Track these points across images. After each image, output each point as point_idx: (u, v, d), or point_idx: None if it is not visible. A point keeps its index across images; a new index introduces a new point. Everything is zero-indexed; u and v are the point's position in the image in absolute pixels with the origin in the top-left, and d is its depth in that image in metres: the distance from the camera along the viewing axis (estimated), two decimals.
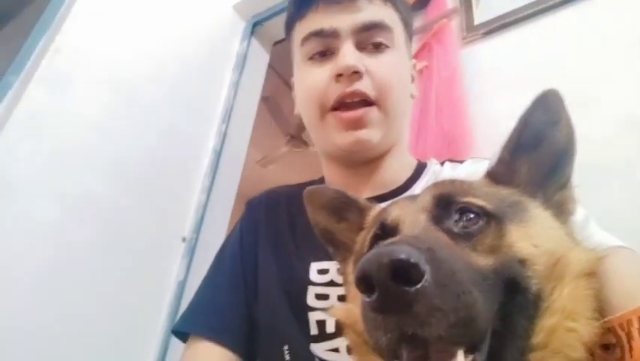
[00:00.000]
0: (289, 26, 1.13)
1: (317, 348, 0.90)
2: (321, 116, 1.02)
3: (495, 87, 1.69)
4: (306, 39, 1.03)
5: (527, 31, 1.72)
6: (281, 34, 2.86)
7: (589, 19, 1.60)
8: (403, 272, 0.43)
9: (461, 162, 1.09)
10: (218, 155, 2.46)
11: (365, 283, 0.45)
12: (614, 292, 0.57)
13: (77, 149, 1.88)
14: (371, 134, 0.98)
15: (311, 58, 1.04)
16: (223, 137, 2.51)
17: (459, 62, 1.79)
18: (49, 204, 1.75)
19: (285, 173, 5.18)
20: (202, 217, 2.29)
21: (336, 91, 0.98)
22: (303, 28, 1.05)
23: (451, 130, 1.61)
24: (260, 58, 2.90)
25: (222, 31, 2.76)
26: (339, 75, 0.97)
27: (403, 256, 0.43)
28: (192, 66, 2.50)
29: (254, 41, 2.84)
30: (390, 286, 0.43)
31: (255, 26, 2.86)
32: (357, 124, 0.97)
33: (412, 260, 0.43)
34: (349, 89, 0.96)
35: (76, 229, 1.82)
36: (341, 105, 0.98)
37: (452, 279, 0.46)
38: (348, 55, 0.97)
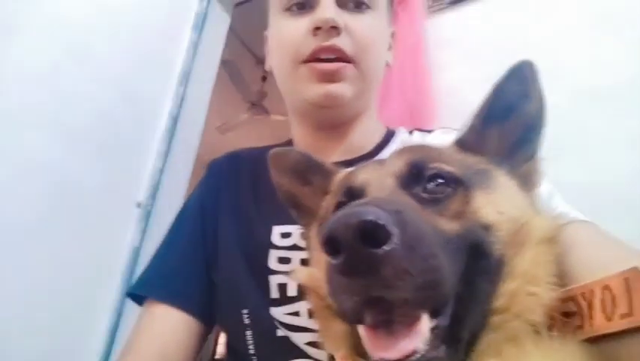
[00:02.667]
0: None
1: (277, 312, 0.89)
2: (294, 68, 0.98)
3: (459, 57, 1.71)
4: None
5: (492, 2, 1.73)
6: None
7: None
8: (371, 234, 0.42)
9: (430, 131, 1.09)
10: (175, 118, 2.37)
11: (331, 244, 0.44)
12: (577, 263, 0.58)
13: (21, 106, 1.74)
14: (344, 90, 0.96)
15: (288, 9, 0.99)
16: (181, 100, 2.41)
17: (424, 30, 1.78)
18: None
19: (245, 140, 5.07)
20: (158, 182, 2.22)
21: (312, 44, 0.94)
22: None
23: (414, 99, 1.61)
24: (220, 18, 2.79)
25: None
26: (317, 28, 0.93)
27: (371, 218, 0.42)
28: (149, 23, 2.37)
29: (214, 1, 2.73)
30: (357, 248, 0.42)
31: None
32: (332, 77, 0.94)
33: (380, 221, 0.42)
34: (326, 43, 0.93)
35: (22, 193, 1.71)
36: (316, 59, 0.95)
37: (420, 242, 0.45)
38: (328, 9, 0.93)
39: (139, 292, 1.03)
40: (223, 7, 2.80)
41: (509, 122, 0.68)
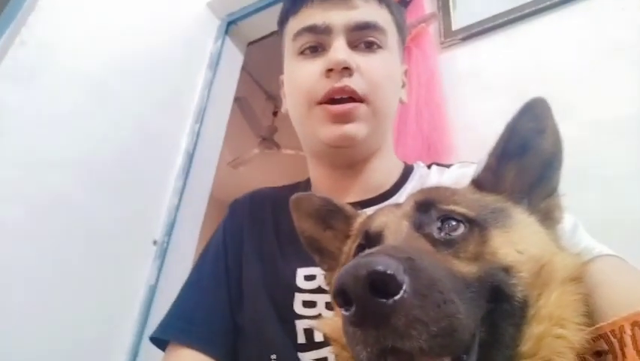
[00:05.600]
0: (282, 21, 1.11)
1: (305, 357, 0.88)
2: (309, 110, 1.00)
3: (473, 91, 1.71)
4: (298, 34, 1.02)
5: (505, 37, 1.75)
6: (256, 34, 2.89)
7: (566, 25, 1.62)
8: (381, 284, 0.41)
9: (448, 166, 1.09)
10: (191, 155, 2.40)
11: (342, 297, 0.44)
12: (604, 299, 0.57)
13: (43, 147, 1.80)
14: (358, 130, 0.97)
15: (302, 53, 1.03)
16: (196, 137, 2.46)
17: (437, 66, 1.80)
18: (13, 205, 1.66)
19: (257, 175, 5.16)
20: (174, 219, 2.23)
21: (325, 86, 0.96)
22: (296, 23, 1.04)
23: (430, 133, 1.62)
24: (234, 57, 2.86)
25: (196, 29, 2.69)
26: (330, 70, 0.95)
27: (379, 268, 0.42)
28: (165, 64, 2.43)
29: (228, 41, 2.80)
30: (367, 300, 0.42)
31: (230, 25, 2.82)
32: (345, 118, 0.96)
33: (389, 271, 0.42)
34: (339, 85, 0.95)
35: (42, 231, 1.74)
36: (329, 100, 0.97)
37: (432, 288, 0.44)
38: (340, 50, 0.96)
39: (162, 337, 1.01)
40: (237, 47, 2.87)
41: (526, 159, 0.67)
